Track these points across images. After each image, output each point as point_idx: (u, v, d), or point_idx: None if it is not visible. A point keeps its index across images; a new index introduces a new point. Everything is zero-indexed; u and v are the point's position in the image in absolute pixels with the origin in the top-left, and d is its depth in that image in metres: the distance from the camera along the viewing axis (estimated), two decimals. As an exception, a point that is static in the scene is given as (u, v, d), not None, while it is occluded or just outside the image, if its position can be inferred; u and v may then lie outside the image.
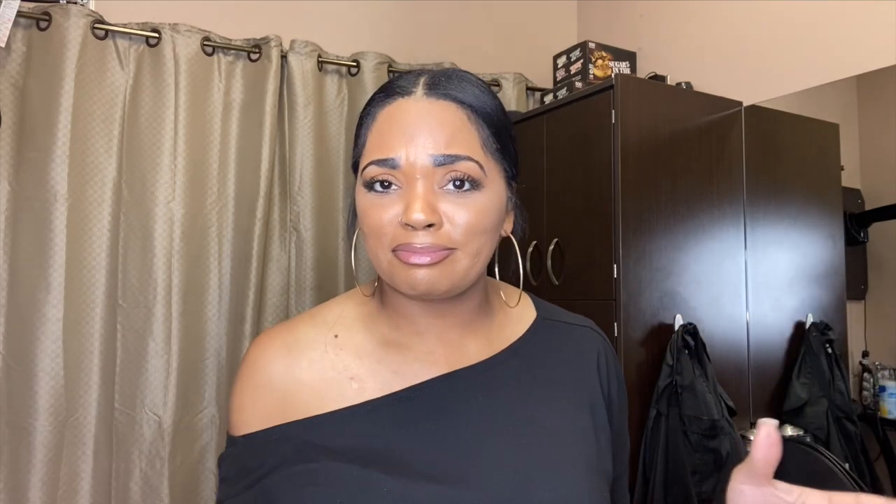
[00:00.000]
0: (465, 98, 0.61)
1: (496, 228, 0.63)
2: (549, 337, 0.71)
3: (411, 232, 0.57)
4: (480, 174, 0.60)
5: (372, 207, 0.60)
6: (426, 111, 0.60)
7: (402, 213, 0.58)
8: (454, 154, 0.59)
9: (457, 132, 0.60)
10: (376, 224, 0.59)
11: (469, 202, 0.59)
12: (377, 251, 0.60)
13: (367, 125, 0.64)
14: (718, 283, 1.74)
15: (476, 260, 0.60)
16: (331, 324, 0.68)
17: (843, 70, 1.59)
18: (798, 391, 1.69)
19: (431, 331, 0.66)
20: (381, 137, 0.61)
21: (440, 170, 0.58)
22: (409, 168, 0.58)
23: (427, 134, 0.59)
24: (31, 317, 1.66)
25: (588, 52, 1.99)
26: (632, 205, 1.62)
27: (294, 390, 0.64)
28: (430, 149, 0.58)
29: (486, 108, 0.62)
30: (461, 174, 0.59)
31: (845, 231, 1.63)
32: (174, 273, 1.81)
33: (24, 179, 1.68)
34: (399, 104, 0.61)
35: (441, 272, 0.58)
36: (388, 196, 0.59)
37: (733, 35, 1.91)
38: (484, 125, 0.62)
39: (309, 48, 1.99)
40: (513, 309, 0.72)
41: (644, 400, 1.59)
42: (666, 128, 1.70)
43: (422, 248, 0.57)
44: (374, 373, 0.64)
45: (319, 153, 1.99)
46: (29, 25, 1.71)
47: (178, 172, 1.83)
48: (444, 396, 0.63)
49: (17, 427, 1.64)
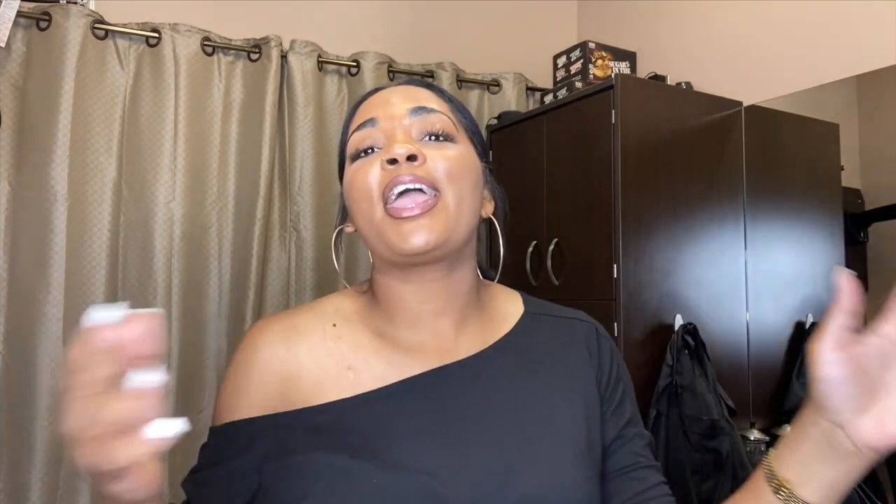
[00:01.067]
0: (432, 87, 0.71)
1: (475, 185, 0.66)
2: (538, 331, 0.72)
3: (395, 169, 0.61)
4: (453, 129, 0.66)
5: (358, 172, 0.64)
6: (400, 90, 0.69)
7: (384, 154, 0.62)
8: (428, 106, 0.66)
9: (429, 98, 0.68)
10: (363, 181, 0.63)
11: (446, 151, 0.64)
12: (370, 214, 0.62)
13: (350, 118, 0.70)
14: (718, 283, 1.74)
15: (461, 207, 0.63)
16: (330, 315, 0.69)
17: (843, 70, 1.59)
18: (798, 391, 1.69)
19: (424, 320, 0.67)
20: (360, 113, 0.68)
21: (416, 121, 0.65)
22: (387, 122, 0.64)
23: (402, 95, 0.67)
24: (31, 317, 1.66)
25: (588, 52, 1.98)
26: (632, 205, 1.62)
27: (293, 374, 0.65)
28: (407, 104, 0.66)
29: (454, 97, 0.72)
30: (436, 126, 0.65)
31: (845, 231, 1.63)
32: (174, 273, 1.81)
33: (24, 179, 1.68)
34: (377, 94, 0.70)
35: (431, 220, 0.60)
36: (372, 155, 0.64)
37: (733, 35, 1.90)
38: (452, 104, 0.70)
39: (309, 48, 1.99)
40: (501, 305, 0.73)
41: (644, 400, 1.58)
42: (666, 128, 1.70)
43: (409, 179, 0.60)
44: (370, 364, 0.65)
45: (319, 153, 1.99)
46: (29, 25, 1.71)
47: (178, 172, 1.83)
48: (434, 391, 0.64)
49: (17, 427, 1.64)
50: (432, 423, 0.63)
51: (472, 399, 0.65)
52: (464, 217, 0.63)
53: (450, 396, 0.64)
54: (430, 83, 0.72)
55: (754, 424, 1.73)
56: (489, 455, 0.61)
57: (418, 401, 0.63)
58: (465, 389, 0.65)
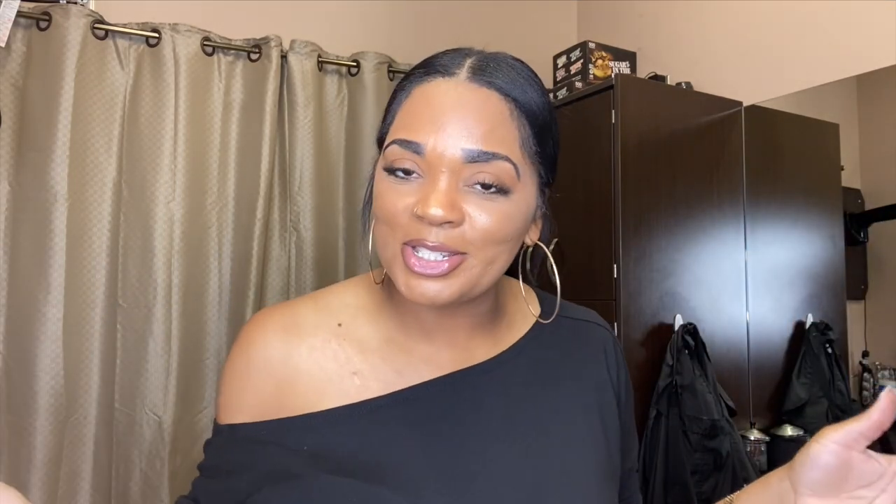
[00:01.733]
0: (512, 90, 0.55)
1: (518, 238, 0.57)
2: (555, 334, 0.68)
3: (425, 227, 0.52)
4: (513, 178, 0.54)
5: (388, 193, 0.55)
6: (466, 97, 0.54)
7: (418, 205, 0.52)
8: (490, 151, 0.53)
9: (496, 127, 0.53)
10: (390, 211, 0.54)
11: (494, 207, 0.53)
12: (386, 239, 0.55)
13: (400, 100, 0.58)
14: (718, 283, 1.74)
15: (489, 269, 0.55)
16: (335, 311, 0.63)
17: (843, 70, 1.59)
18: (798, 391, 1.69)
19: (439, 331, 0.62)
20: (411, 116, 0.55)
21: (470, 167, 0.53)
22: (434, 158, 0.53)
23: (462, 123, 0.53)
24: (31, 317, 1.66)
25: (588, 52, 1.98)
26: (632, 205, 1.62)
27: (291, 379, 0.59)
28: (464, 141, 0.52)
29: (533, 104, 0.56)
30: (492, 176, 0.53)
31: (845, 231, 1.63)
32: (174, 273, 1.81)
33: (24, 179, 1.68)
34: (438, 84, 0.55)
35: (447, 283, 0.53)
36: (407, 184, 0.54)
37: (733, 35, 1.90)
38: (527, 123, 0.56)
39: (309, 48, 1.99)
40: (519, 306, 0.68)
41: (644, 400, 1.58)
42: (666, 128, 1.70)
43: (433, 245, 0.52)
44: (378, 371, 0.60)
45: (319, 153, 1.99)
46: (29, 25, 1.71)
47: (178, 172, 1.83)
48: (448, 398, 0.60)
49: (17, 427, 1.63)
50: (447, 434, 0.58)
51: (489, 407, 0.60)
52: (489, 276, 0.56)
53: (465, 407, 0.60)
54: (509, 87, 0.55)
55: (754, 424, 1.73)
56: (512, 471, 0.57)
57: (431, 409, 0.59)
58: (480, 399, 0.61)
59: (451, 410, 0.59)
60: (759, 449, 1.67)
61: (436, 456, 0.57)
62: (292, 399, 0.59)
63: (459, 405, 0.60)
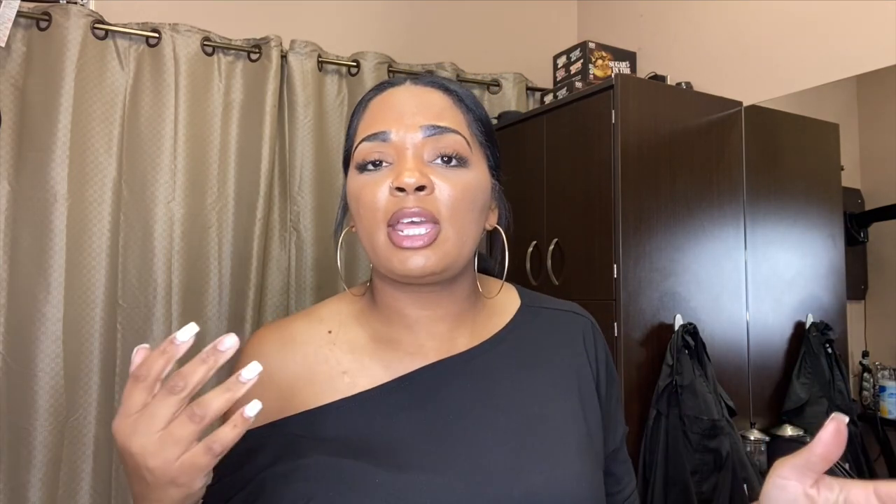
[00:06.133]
0: (450, 86, 0.67)
1: (481, 211, 0.65)
2: (534, 324, 0.73)
3: (402, 198, 0.60)
4: (467, 150, 0.64)
5: (365, 186, 0.63)
6: (415, 93, 0.66)
7: (394, 180, 0.60)
8: (443, 125, 0.63)
9: (444, 110, 0.65)
10: (370, 200, 0.62)
11: (456, 176, 0.62)
12: (372, 231, 0.62)
13: (359, 114, 0.68)
14: (718, 283, 1.74)
15: (462, 238, 0.62)
16: (325, 320, 0.70)
17: (843, 70, 1.59)
18: (798, 391, 1.69)
19: (421, 324, 0.67)
20: (373, 118, 0.65)
21: (429, 141, 0.62)
22: (399, 141, 0.62)
23: (416, 110, 0.63)
24: (31, 317, 1.66)
25: (588, 52, 1.99)
26: (632, 205, 1.62)
27: (290, 384, 0.65)
28: (420, 120, 0.62)
29: (469, 98, 0.68)
30: (449, 148, 0.62)
31: (845, 231, 1.63)
32: (174, 273, 1.81)
33: (24, 179, 1.68)
34: (390, 91, 0.67)
35: (432, 253, 0.60)
36: (380, 172, 0.62)
37: (733, 35, 1.90)
38: (468, 110, 0.67)
39: (309, 48, 1.99)
40: (498, 299, 0.74)
41: (644, 400, 1.59)
42: (666, 128, 1.70)
43: (413, 211, 0.59)
44: (366, 367, 0.66)
45: (319, 153, 1.99)
46: (29, 25, 1.71)
47: (178, 172, 1.83)
48: (432, 385, 0.65)
49: (17, 427, 1.64)
50: (431, 417, 0.63)
51: (471, 391, 0.65)
52: (465, 247, 0.63)
53: (447, 391, 0.64)
54: (447, 83, 0.68)
55: (754, 424, 1.73)
56: (493, 450, 0.61)
57: (416, 396, 0.64)
58: (462, 384, 0.65)
59: (434, 395, 0.64)
60: (759, 449, 1.67)
61: (419, 435, 0.62)
62: (291, 403, 0.65)
63: (442, 390, 0.65)
